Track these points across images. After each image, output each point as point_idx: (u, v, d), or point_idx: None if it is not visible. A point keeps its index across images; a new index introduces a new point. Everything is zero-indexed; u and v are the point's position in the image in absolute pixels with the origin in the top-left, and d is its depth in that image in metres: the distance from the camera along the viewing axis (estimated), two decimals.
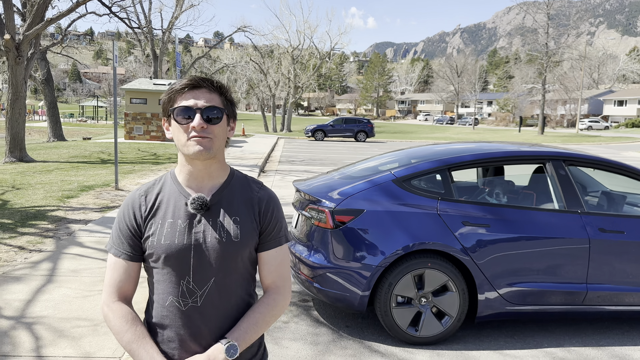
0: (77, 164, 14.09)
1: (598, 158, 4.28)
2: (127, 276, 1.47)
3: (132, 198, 1.50)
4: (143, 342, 1.41)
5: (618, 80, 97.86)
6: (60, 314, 3.99)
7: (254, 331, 1.45)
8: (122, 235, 1.47)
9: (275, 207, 1.53)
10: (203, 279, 1.43)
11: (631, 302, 4.05)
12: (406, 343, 3.92)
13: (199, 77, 1.43)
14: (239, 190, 1.51)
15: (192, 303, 1.42)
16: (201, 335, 1.43)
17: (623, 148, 31.65)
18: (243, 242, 1.45)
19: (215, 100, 1.43)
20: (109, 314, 1.44)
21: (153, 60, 35.50)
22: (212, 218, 1.45)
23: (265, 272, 1.54)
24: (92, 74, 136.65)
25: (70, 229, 6.70)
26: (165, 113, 1.46)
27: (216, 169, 1.48)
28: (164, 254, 1.42)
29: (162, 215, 1.45)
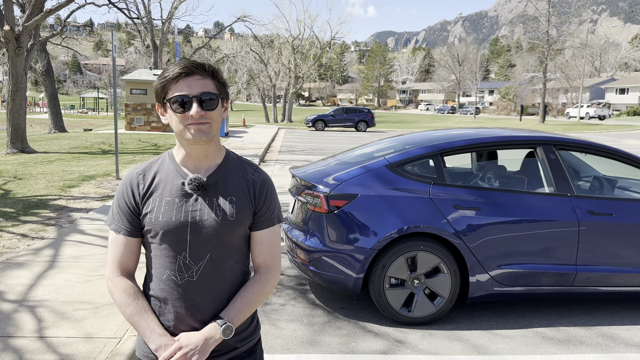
0: (78, 155, 14.18)
1: (587, 142, 4.35)
2: (128, 251, 1.53)
3: (130, 176, 1.56)
4: (144, 315, 1.48)
5: (620, 68, 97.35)
6: (62, 297, 4.09)
7: (247, 309, 1.52)
8: (121, 212, 1.53)
9: (269, 189, 1.60)
10: (199, 255, 1.49)
11: (619, 282, 4.14)
12: (399, 323, 4.02)
13: (191, 63, 1.46)
14: (235, 171, 1.57)
15: (188, 277, 1.49)
16: (196, 308, 1.50)
17: (624, 136, 31.62)
18: (238, 221, 1.52)
19: (209, 86, 1.46)
20: (112, 288, 1.51)
21: (153, 51, 35.44)
22: (209, 197, 1.51)
23: (256, 251, 1.60)
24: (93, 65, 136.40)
25: (72, 217, 6.80)
26: (160, 100, 1.50)
27: (213, 150, 1.54)
28: (162, 231, 1.48)
29: (160, 193, 1.51)
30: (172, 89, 1.45)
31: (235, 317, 1.50)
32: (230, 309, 1.50)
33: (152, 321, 1.48)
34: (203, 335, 1.45)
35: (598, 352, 3.64)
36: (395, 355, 3.53)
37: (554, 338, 3.86)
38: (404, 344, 3.71)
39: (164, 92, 1.47)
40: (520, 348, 3.69)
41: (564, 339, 3.85)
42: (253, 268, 1.64)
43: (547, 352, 3.64)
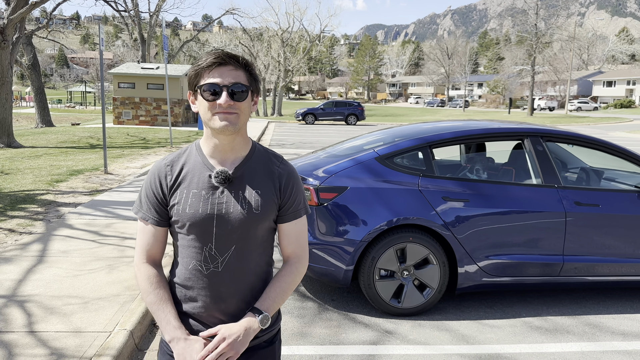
0: (66, 149, 14.05)
1: (574, 134, 4.39)
2: (154, 240, 1.57)
3: (158, 167, 1.58)
4: (162, 305, 1.52)
5: (607, 61, 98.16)
6: (51, 292, 4.07)
7: (280, 299, 1.57)
8: (149, 202, 1.56)
9: (294, 182, 1.62)
10: (224, 247, 1.52)
11: (605, 272, 4.21)
12: (389, 314, 4.05)
13: (226, 54, 1.48)
14: (261, 163, 1.59)
15: (213, 268, 1.52)
16: (220, 298, 1.53)
17: (611, 128, 31.94)
18: (263, 214, 1.54)
19: (241, 77, 1.48)
20: (137, 275, 1.57)
21: (141, 44, 35.12)
22: (235, 190, 1.53)
23: (285, 243, 1.64)
24: (80, 59, 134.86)
25: (60, 211, 6.76)
26: (192, 87, 1.52)
27: (239, 142, 1.55)
28: (189, 222, 1.50)
29: (187, 185, 1.53)
30: (204, 77, 1.48)
31: (270, 306, 1.55)
32: (265, 299, 1.55)
33: (169, 313, 1.52)
34: (242, 326, 1.49)
35: (584, 341, 3.70)
36: (385, 346, 3.56)
37: (541, 327, 3.92)
38: (394, 334, 3.75)
39: (197, 79, 1.50)
40: (508, 338, 3.73)
41: (551, 328, 3.91)
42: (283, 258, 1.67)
43: (535, 341, 3.69)
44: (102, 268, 4.65)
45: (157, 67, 25.72)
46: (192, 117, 28.35)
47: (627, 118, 45.46)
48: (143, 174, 10.19)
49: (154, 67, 25.83)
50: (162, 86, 25.05)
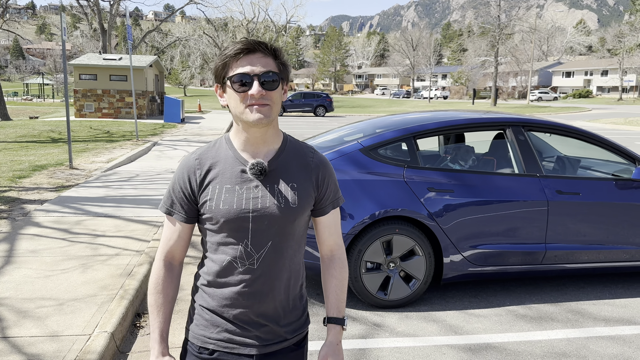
0: (26, 144, 13.49)
1: (555, 123, 4.43)
2: (177, 236, 1.51)
3: (187, 162, 1.49)
4: (156, 312, 1.49)
5: (566, 52, 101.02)
6: (23, 294, 3.87)
7: (344, 294, 1.60)
8: (175, 197, 1.49)
9: (330, 172, 1.55)
10: (261, 243, 1.44)
11: (586, 259, 4.28)
12: (376, 307, 4.02)
13: (253, 41, 1.38)
14: (295, 155, 1.51)
15: (249, 265, 1.45)
16: (255, 295, 1.45)
17: (571, 118, 32.88)
18: (301, 208, 1.46)
19: (270, 65, 1.39)
20: (152, 270, 1.53)
21: (101, 35, 34.07)
22: (270, 184, 1.45)
23: (327, 235, 1.59)
24: (36, 49, 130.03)
25: (25, 209, 6.45)
26: (219, 80, 1.42)
27: (271, 134, 1.47)
28: (223, 219, 1.42)
29: (219, 180, 1.44)
30: (233, 67, 1.38)
31: (342, 307, 1.59)
32: (333, 302, 1.57)
33: (158, 322, 1.49)
34: (336, 340, 1.55)
35: (569, 328, 3.75)
36: (374, 339, 3.52)
37: (526, 316, 3.95)
38: (382, 327, 3.71)
39: (225, 70, 1.40)
40: (494, 327, 3.75)
41: (536, 316, 3.95)
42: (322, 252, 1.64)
43: (521, 329, 3.72)
44: (76, 267, 4.45)
45: (119, 58, 24.98)
46: (157, 109, 27.71)
47: (586, 108, 46.93)
48: (110, 169, 9.87)
49: (116, 58, 25.08)
50: (126, 77, 24.36)
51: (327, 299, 1.59)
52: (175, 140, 15.91)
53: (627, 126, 24.36)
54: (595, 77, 74.87)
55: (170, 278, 1.52)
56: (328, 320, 1.57)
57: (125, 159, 11.04)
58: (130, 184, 8.35)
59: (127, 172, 9.68)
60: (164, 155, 12.26)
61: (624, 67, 64.03)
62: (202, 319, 1.49)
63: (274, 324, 1.49)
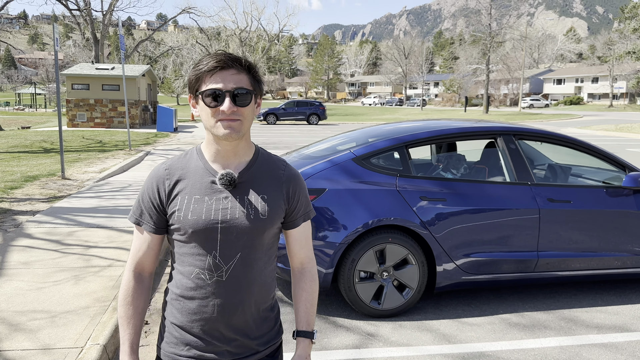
0: (18, 154, 13.42)
1: (545, 132, 4.47)
2: (146, 247, 1.50)
3: (156, 172, 1.49)
4: (125, 323, 1.48)
5: (557, 60, 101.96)
6: (14, 307, 3.84)
7: (313, 307, 1.60)
8: (144, 207, 1.49)
9: (300, 186, 1.56)
10: (229, 255, 1.44)
11: (578, 267, 4.30)
12: (370, 316, 4.02)
13: (227, 57, 1.40)
14: (266, 168, 1.52)
15: (217, 277, 1.44)
16: (223, 308, 1.44)
17: (563, 124, 33.13)
18: (270, 220, 1.47)
19: (243, 81, 1.41)
20: (122, 281, 1.52)
21: (94, 45, 34.03)
22: (240, 195, 1.46)
23: (297, 248, 1.60)
24: (28, 59, 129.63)
25: (17, 220, 6.41)
26: (192, 91, 1.44)
27: (243, 147, 1.48)
28: (191, 230, 1.42)
29: (189, 190, 1.45)
30: (206, 81, 1.40)
31: (311, 320, 1.58)
32: (302, 316, 1.57)
33: (127, 334, 1.48)
34: (304, 356, 1.54)
35: (562, 335, 3.76)
36: (368, 349, 3.52)
37: (519, 324, 3.97)
38: (376, 337, 3.71)
39: (198, 83, 1.42)
40: (488, 335, 3.76)
41: (529, 324, 3.96)
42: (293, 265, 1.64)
43: (515, 337, 3.73)
44: (68, 279, 4.42)
45: (112, 68, 24.96)
46: (149, 118, 27.67)
47: (577, 114, 47.33)
48: (102, 179, 9.84)
49: (109, 67, 25.06)
50: (118, 87, 24.33)
51: (296, 312, 1.59)
52: (168, 149, 15.88)
53: (618, 133, 24.58)
54: (586, 84, 75.55)
55: (140, 289, 1.51)
56: (297, 333, 1.57)
57: (118, 169, 11.00)
58: (122, 194, 8.32)
59: (119, 182, 9.65)
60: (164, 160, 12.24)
61: (614, 74, 64.72)
62: (172, 336, 1.48)
63: (245, 338, 1.48)
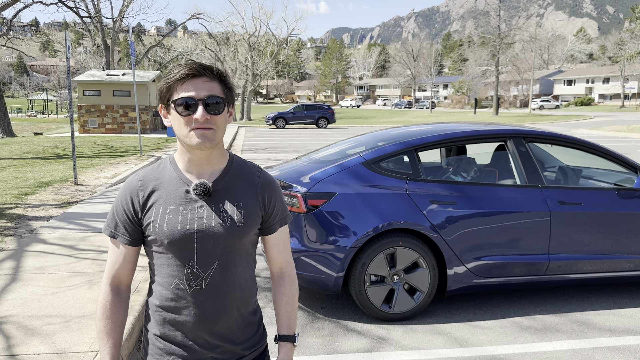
0: (31, 160, 13.59)
1: (556, 134, 4.46)
2: (122, 259, 1.49)
3: (129, 184, 1.49)
4: (105, 337, 1.47)
5: (567, 60, 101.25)
6: (30, 312, 3.89)
7: (295, 312, 1.62)
8: (118, 219, 1.48)
9: (276, 192, 1.57)
10: (207, 263, 1.44)
11: (589, 269, 4.28)
12: (380, 320, 4.03)
13: (199, 65, 1.40)
14: (241, 175, 1.52)
15: (196, 286, 1.44)
16: (206, 316, 1.45)
17: (574, 126, 32.89)
18: (247, 227, 1.47)
19: (216, 89, 1.41)
20: (99, 295, 1.51)
21: (104, 51, 34.37)
22: (215, 204, 1.45)
23: (275, 253, 1.60)
24: (40, 66, 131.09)
25: (31, 226, 6.50)
26: (164, 101, 1.44)
27: (216, 155, 1.48)
28: (167, 240, 1.42)
29: (163, 201, 1.45)
30: (177, 90, 1.40)
31: (292, 324, 1.59)
32: (283, 320, 1.59)
33: (107, 348, 1.47)
34: (287, 357, 1.55)
35: (574, 339, 3.75)
36: (380, 353, 3.53)
37: (530, 327, 3.96)
38: (387, 340, 3.72)
39: (169, 93, 1.41)
40: (500, 338, 3.75)
41: (541, 327, 3.95)
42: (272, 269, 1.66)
43: (526, 341, 3.72)
44: (82, 284, 4.48)
45: (122, 74, 25.19)
46: (160, 123, 27.88)
47: (588, 115, 46.95)
48: (114, 184, 9.93)
49: (119, 73, 25.30)
50: (129, 93, 24.55)
51: (277, 317, 1.60)
52: None
53: (630, 133, 24.35)
54: (597, 85, 74.94)
55: (119, 302, 1.50)
56: (279, 337, 1.58)
57: (130, 174, 11.10)
58: None
59: None
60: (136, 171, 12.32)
61: (625, 75, 64.12)
62: (156, 347, 1.48)
63: (230, 343, 1.48)
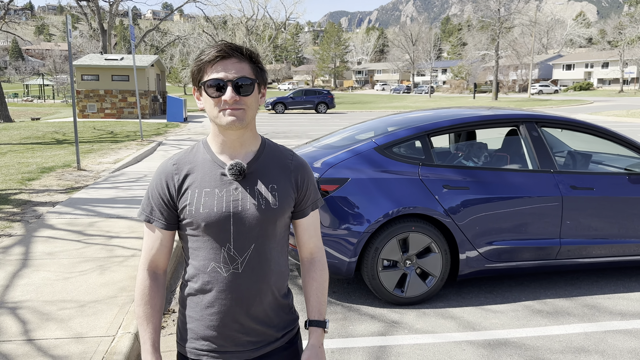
0: (32, 145, 13.53)
1: (568, 119, 4.45)
2: (159, 244, 1.49)
3: (164, 167, 1.49)
4: (145, 322, 1.48)
5: (566, 45, 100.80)
6: (43, 297, 3.90)
7: (324, 296, 1.60)
8: (154, 204, 1.48)
9: (308, 175, 1.57)
10: (243, 246, 1.44)
11: (600, 253, 4.30)
12: (393, 304, 4.05)
13: (229, 46, 1.39)
14: (273, 158, 1.52)
15: (233, 269, 1.44)
16: (242, 300, 1.45)
17: (573, 110, 32.85)
18: (281, 209, 1.47)
19: (245, 70, 1.40)
20: (137, 280, 1.51)
21: (101, 35, 34.07)
22: (250, 186, 1.45)
23: (307, 237, 1.60)
24: (35, 50, 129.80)
25: (38, 211, 6.49)
26: (196, 83, 1.44)
27: (249, 137, 1.48)
28: (204, 223, 1.42)
29: (198, 184, 1.44)
30: (208, 72, 1.39)
31: (323, 310, 1.58)
32: (314, 305, 1.57)
33: (148, 333, 1.48)
34: (317, 345, 1.54)
35: (585, 322, 3.78)
36: (393, 336, 3.55)
37: (542, 311, 3.99)
38: (400, 324, 3.74)
39: (200, 74, 1.41)
40: (512, 322, 3.78)
41: (552, 311, 3.98)
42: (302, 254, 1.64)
43: (538, 324, 3.75)
44: (93, 269, 4.49)
45: (121, 58, 24.99)
46: (159, 108, 27.74)
47: (588, 100, 46.88)
48: (118, 170, 9.91)
49: (118, 58, 25.09)
50: (128, 78, 24.38)
51: (308, 302, 1.59)
52: (180, 139, 15.94)
53: (629, 118, 24.35)
54: (596, 70, 74.73)
55: (157, 287, 1.51)
56: (309, 323, 1.57)
57: (132, 160, 11.07)
58: (139, 185, 8.39)
59: (134, 172, 9.72)
60: (170, 155, 12.30)
61: (624, 59, 63.90)
62: (192, 331, 1.48)
63: (265, 326, 1.49)
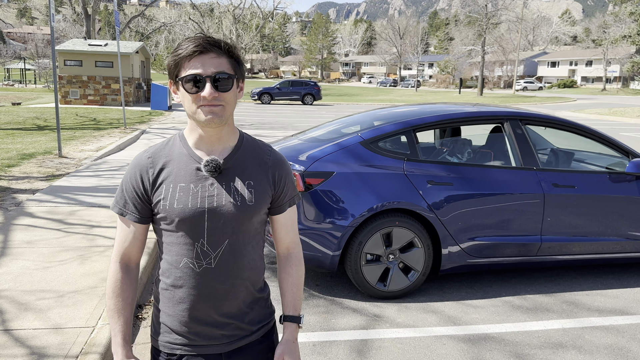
0: (12, 131, 13.27)
1: (552, 117, 4.49)
2: (132, 237, 1.47)
3: (139, 160, 1.46)
4: (116, 315, 1.47)
5: (551, 42, 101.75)
6: (22, 286, 3.84)
7: (301, 293, 1.60)
8: (127, 197, 1.45)
9: (286, 171, 1.55)
10: (217, 242, 1.43)
11: (580, 251, 4.37)
12: (375, 298, 4.07)
13: (207, 40, 1.36)
14: (251, 153, 1.50)
15: (206, 265, 1.43)
16: (215, 296, 1.44)
17: (557, 108, 33.22)
18: (257, 206, 1.46)
19: (224, 65, 1.37)
20: (108, 274, 1.50)
21: (85, 20, 33.47)
22: (225, 182, 1.44)
23: (283, 233, 1.58)
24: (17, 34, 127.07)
25: (17, 199, 6.38)
26: (172, 77, 1.41)
27: (227, 132, 1.46)
28: (178, 218, 1.40)
29: (173, 178, 1.42)
30: (185, 67, 1.36)
31: (298, 305, 1.58)
32: (289, 301, 1.57)
33: (119, 326, 1.46)
34: (291, 340, 1.53)
35: (564, 318, 3.84)
36: (375, 330, 3.57)
37: (522, 306, 4.04)
38: (382, 318, 3.76)
39: (177, 69, 1.38)
40: (492, 317, 3.83)
41: (532, 306, 4.04)
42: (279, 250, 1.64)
43: (518, 320, 3.80)
44: (74, 259, 4.43)
45: (105, 44, 24.59)
46: (142, 96, 27.40)
47: (571, 98, 47.43)
48: (100, 157, 9.77)
49: (102, 44, 24.68)
50: (112, 64, 24.02)
51: (283, 297, 1.58)
52: (164, 127, 15.77)
53: (611, 117, 24.70)
54: (580, 68, 75.61)
55: (129, 280, 1.49)
56: (284, 318, 1.57)
57: (115, 148, 10.93)
58: (121, 173, 8.28)
59: (117, 160, 9.60)
60: (154, 144, 12.17)
61: (608, 58, 64.74)
62: (165, 325, 1.48)
63: (239, 321, 1.48)
